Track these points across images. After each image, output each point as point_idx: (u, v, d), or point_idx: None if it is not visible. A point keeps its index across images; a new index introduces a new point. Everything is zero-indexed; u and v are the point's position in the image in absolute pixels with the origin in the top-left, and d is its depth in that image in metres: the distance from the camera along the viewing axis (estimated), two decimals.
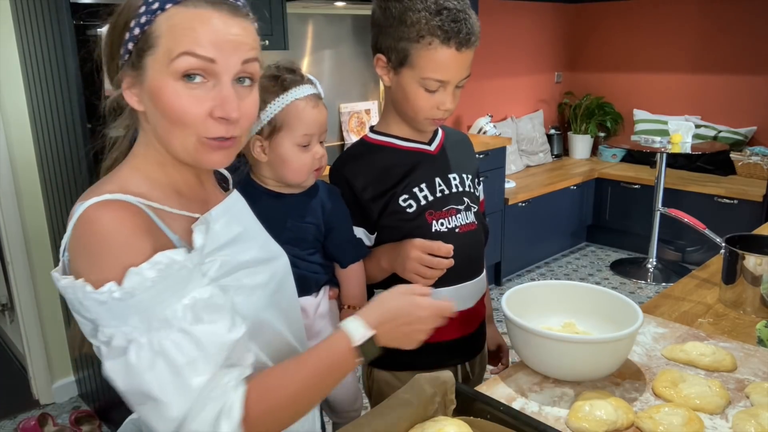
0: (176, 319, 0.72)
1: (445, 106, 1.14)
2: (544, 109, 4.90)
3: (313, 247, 1.15)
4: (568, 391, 1.03)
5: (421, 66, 1.11)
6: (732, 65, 4.22)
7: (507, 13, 4.38)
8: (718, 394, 0.98)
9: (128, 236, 0.73)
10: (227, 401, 0.74)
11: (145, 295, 0.71)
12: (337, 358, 0.83)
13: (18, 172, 2.48)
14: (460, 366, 1.34)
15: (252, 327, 0.83)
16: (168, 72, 0.75)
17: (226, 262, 0.81)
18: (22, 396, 2.70)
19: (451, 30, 1.08)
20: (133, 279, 0.70)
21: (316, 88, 1.11)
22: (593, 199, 4.49)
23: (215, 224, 0.82)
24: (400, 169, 1.22)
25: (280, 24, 2.74)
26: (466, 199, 1.27)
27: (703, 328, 1.29)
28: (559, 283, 1.21)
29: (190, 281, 0.74)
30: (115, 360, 0.73)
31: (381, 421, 0.82)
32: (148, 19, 0.75)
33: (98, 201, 0.74)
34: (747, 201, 3.76)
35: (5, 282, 2.83)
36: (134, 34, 0.75)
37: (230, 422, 0.74)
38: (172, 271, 0.72)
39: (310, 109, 1.08)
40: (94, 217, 0.73)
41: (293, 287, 0.98)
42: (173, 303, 0.72)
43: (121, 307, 0.71)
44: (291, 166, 1.09)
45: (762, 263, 1.34)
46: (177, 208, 0.81)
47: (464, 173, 1.28)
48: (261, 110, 1.05)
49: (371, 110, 3.72)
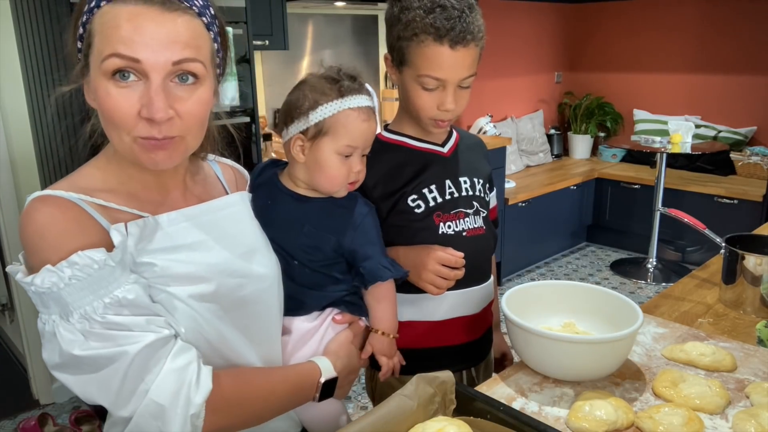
0: (96, 314, 0.73)
1: (444, 106, 1.13)
2: (544, 109, 4.90)
3: (329, 260, 1.07)
4: (568, 391, 1.03)
5: (417, 64, 1.11)
6: (732, 65, 4.22)
7: (507, 13, 4.39)
8: (718, 394, 0.98)
9: (57, 234, 0.75)
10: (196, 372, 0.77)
11: (63, 292, 0.73)
12: (303, 383, 0.93)
13: (18, 172, 2.48)
14: (465, 372, 1.32)
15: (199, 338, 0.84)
16: (101, 72, 0.75)
17: (166, 267, 0.81)
18: (22, 396, 2.70)
19: (443, 27, 1.07)
20: (50, 276, 0.72)
21: (372, 100, 1.07)
22: (593, 199, 4.49)
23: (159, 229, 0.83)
24: (410, 169, 1.22)
25: (280, 24, 2.74)
26: (475, 203, 1.25)
27: (703, 328, 1.29)
28: (559, 283, 1.21)
29: (114, 280, 0.75)
30: (48, 342, 0.76)
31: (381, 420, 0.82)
32: (87, 18, 0.76)
33: (39, 196, 0.78)
34: (747, 201, 3.75)
35: (5, 282, 2.84)
36: (80, 32, 0.77)
37: (201, 392, 0.77)
38: (91, 270, 0.73)
39: (360, 121, 1.03)
40: (32, 212, 0.76)
41: (273, 310, 0.96)
42: (93, 300, 0.73)
43: (44, 298, 0.74)
44: (326, 173, 1.04)
45: (762, 263, 1.34)
46: (125, 206, 0.82)
47: (475, 177, 1.27)
48: (311, 110, 1.02)
49: None
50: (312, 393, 0.94)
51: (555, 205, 4.17)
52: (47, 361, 0.76)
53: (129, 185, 0.84)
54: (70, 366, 0.74)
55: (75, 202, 0.78)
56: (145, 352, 0.74)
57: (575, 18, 4.93)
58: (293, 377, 0.92)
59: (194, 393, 0.76)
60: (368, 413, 0.82)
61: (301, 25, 3.31)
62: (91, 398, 0.76)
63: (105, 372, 0.74)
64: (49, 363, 0.76)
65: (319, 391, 0.94)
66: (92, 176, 0.83)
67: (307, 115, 1.02)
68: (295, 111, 1.04)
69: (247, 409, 0.84)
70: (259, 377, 0.88)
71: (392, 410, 0.83)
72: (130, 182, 0.84)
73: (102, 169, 0.84)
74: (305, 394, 0.94)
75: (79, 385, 0.75)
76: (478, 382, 1.35)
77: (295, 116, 1.04)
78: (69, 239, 0.75)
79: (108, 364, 0.73)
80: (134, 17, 0.73)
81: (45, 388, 2.67)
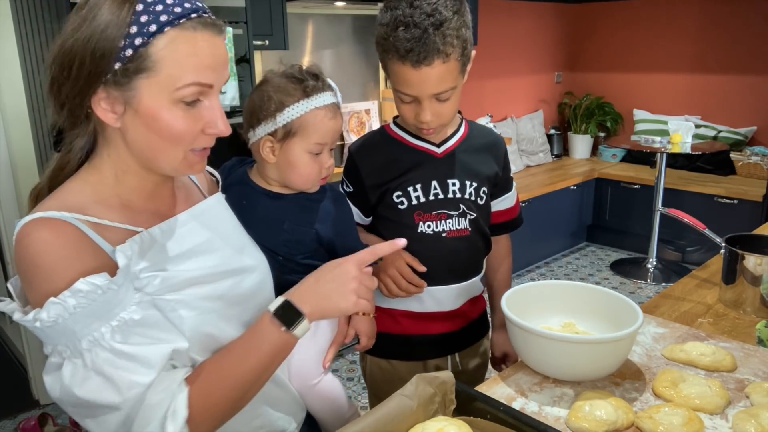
0: (105, 341, 0.72)
1: (419, 118, 1.15)
2: (544, 109, 4.90)
3: (311, 251, 1.12)
4: (568, 391, 1.03)
5: (392, 78, 1.15)
6: (732, 65, 4.22)
7: (507, 13, 4.38)
8: (718, 394, 0.98)
9: (55, 261, 0.73)
10: (171, 404, 0.76)
11: (70, 322, 0.71)
12: (261, 334, 0.83)
13: (18, 172, 2.48)
14: (450, 357, 1.37)
15: (203, 340, 0.83)
16: (170, 98, 0.75)
17: (168, 278, 0.81)
18: (22, 396, 2.70)
19: (402, 48, 1.06)
20: (55, 308, 0.71)
21: (336, 96, 1.10)
22: (593, 199, 4.49)
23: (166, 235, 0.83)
24: (401, 165, 1.25)
25: (280, 24, 2.74)
26: (462, 205, 1.27)
27: (703, 328, 1.29)
28: (559, 283, 1.21)
29: (118, 303, 0.74)
30: (51, 375, 0.75)
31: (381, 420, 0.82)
32: (144, 41, 0.73)
33: (31, 219, 0.75)
34: (747, 201, 3.75)
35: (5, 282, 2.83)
36: (125, 54, 0.73)
37: (175, 424, 0.75)
38: (95, 296, 0.72)
39: (327, 119, 1.06)
40: (26, 240, 0.74)
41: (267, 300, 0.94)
42: (100, 326, 0.72)
43: (50, 331, 0.72)
44: (299, 172, 1.08)
45: (762, 263, 1.34)
46: (118, 222, 0.80)
47: (469, 180, 1.27)
48: (278, 112, 1.03)
49: (371, 110, 3.72)
50: (277, 332, 0.83)
51: (555, 205, 4.17)
52: (49, 390, 0.76)
53: (123, 196, 0.83)
54: (69, 402, 0.75)
55: (69, 221, 0.76)
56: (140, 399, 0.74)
57: (575, 18, 4.93)
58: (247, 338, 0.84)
59: (170, 425, 0.75)
60: (368, 413, 0.82)
61: (301, 25, 3.31)
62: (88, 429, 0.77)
63: (102, 418, 0.74)
64: (50, 393, 0.76)
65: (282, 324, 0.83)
66: (81, 191, 0.81)
67: (275, 117, 1.04)
68: (261, 113, 1.06)
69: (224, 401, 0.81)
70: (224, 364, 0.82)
71: (392, 410, 0.83)
72: (125, 193, 0.83)
73: (91, 182, 0.82)
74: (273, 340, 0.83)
75: (77, 417, 0.77)
76: (461, 367, 1.39)
77: (261, 118, 1.06)
78: (67, 266, 0.73)
79: (105, 413, 0.74)
80: (205, 44, 0.76)
81: (45, 388, 2.67)
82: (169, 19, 0.73)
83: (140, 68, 0.74)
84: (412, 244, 1.24)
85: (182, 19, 0.74)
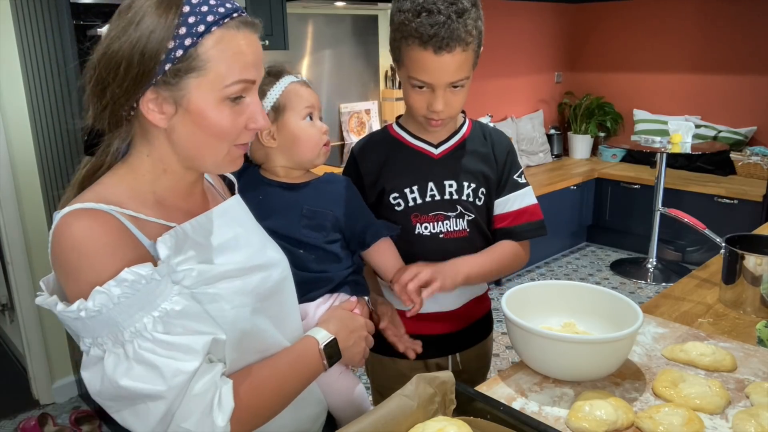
0: (147, 331, 0.73)
1: (432, 107, 1.15)
2: (544, 109, 4.90)
3: (330, 237, 1.14)
4: (568, 391, 1.03)
5: (407, 65, 1.14)
6: (732, 65, 4.22)
7: (507, 13, 4.39)
8: (718, 394, 0.98)
9: (98, 249, 0.73)
10: (216, 395, 0.77)
11: (114, 312, 0.71)
12: (308, 360, 0.93)
13: (18, 172, 2.48)
14: (451, 356, 1.37)
15: (236, 335, 0.84)
16: (218, 96, 0.78)
17: (204, 271, 0.82)
18: (22, 396, 2.70)
19: (426, 33, 1.07)
20: (100, 297, 0.71)
21: (299, 77, 1.17)
22: (593, 199, 4.49)
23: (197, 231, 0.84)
24: (398, 166, 1.26)
25: (280, 24, 2.74)
26: (459, 207, 1.26)
27: (703, 328, 1.29)
28: (559, 283, 1.21)
29: (159, 294, 0.74)
30: (90, 369, 0.75)
31: (381, 420, 0.82)
32: (194, 41, 0.75)
33: (72, 210, 0.75)
34: (747, 201, 3.75)
35: (5, 282, 2.83)
36: (175, 55, 0.75)
37: (224, 414, 0.76)
38: (139, 286, 0.72)
39: (305, 89, 1.13)
40: (66, 230, 0.74)
41: (292, 294, 0.99)
42: (143, 317, 0.73)
43: (92, 322, 0.72)
44: (302, 140, 1.11)
45: (762, 263, 1.34)
46: (154, 217, 0.81)
47: (467, 181, 1.26)
48: (263, 99, 1.08)
49: (371, 110, 3.72)
50: (319, 364, 0.94)
51: (555, 205, 4.16)
52: (88, 384, 0.75)
53: (158, 194, 0.84)
54: (110, 394, 0.74)
55: (108, 212, 0.76)
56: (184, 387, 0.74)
57: (575, 18, 4.93)
58: (296, 358, 0.92)
59: (218, 415, 0.76)
60: (368, 413, 0.83)
61: (301, 25, 3.31)
62: (128, 426, 0.77)
63: (143, 408, 0.74)
64: (90, 388, 0.76)
65: (324, 358, 0.95)
66: (117, 186, 0.81)
67: None
68: None
69: (267, 407, 0.86)
70: (268, 372, 0.88)
71: (392, 410, 0.83)
72: (160, 191, 0.84)
73: (127, 180, 0.83)
74: (314, 368, 0.94)
75: (115, 411, 0.76)
76: (461, 367, 1.38)
77: None
78: (111, 254, 0.73)
79: (147, 403, 0.74)
80: (247, 42, 0.79)
81: (45, 388, 2.68)
82: (215, 19, 0.76)
83: (190, 68, 0.76)
84: (410, 245, 1.25)
85: (226, 19, 0.77)
